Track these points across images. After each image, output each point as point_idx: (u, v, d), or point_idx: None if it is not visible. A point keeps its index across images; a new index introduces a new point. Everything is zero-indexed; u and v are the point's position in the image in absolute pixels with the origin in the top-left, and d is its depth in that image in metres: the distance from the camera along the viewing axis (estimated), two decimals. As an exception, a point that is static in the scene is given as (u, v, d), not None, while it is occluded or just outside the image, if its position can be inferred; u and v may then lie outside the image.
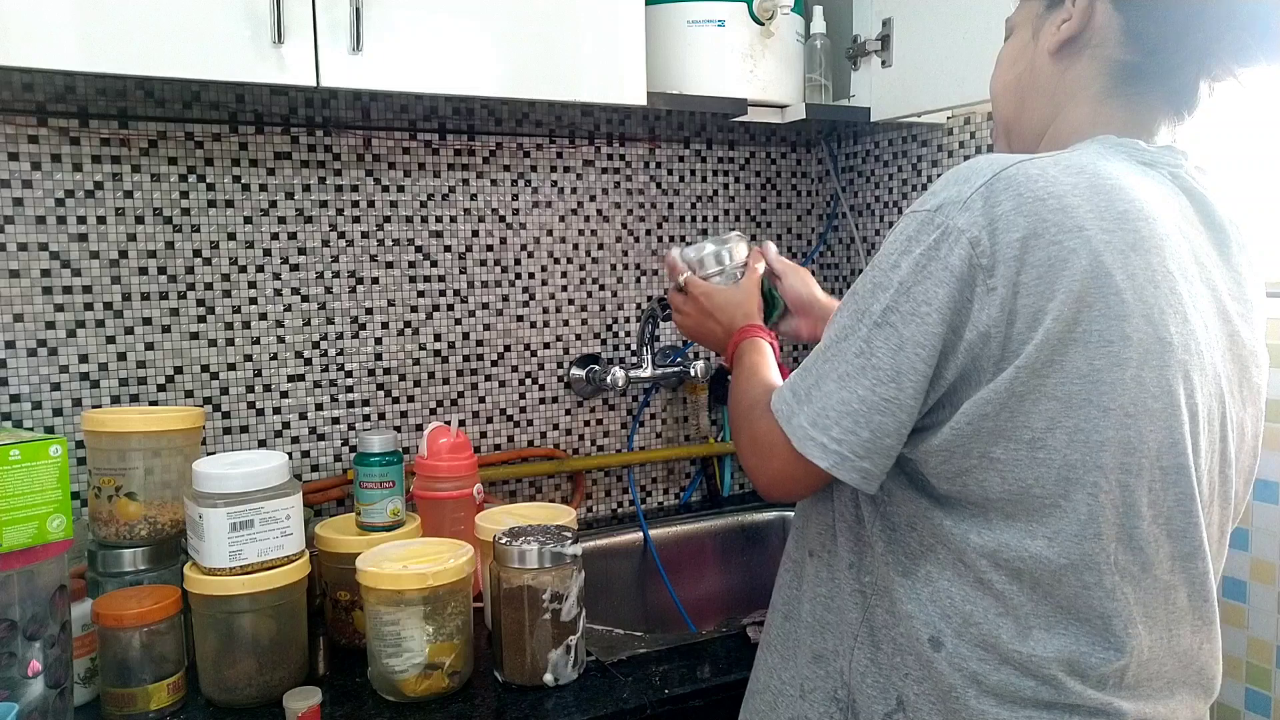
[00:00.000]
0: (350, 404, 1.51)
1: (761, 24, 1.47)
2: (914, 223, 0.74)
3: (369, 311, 1.51)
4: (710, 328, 1.10)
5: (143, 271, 1.36)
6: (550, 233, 1.64)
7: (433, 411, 1.57)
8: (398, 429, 1.54)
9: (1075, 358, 0.70)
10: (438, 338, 1.57)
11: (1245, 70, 0.78)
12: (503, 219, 1.60)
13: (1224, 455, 0.79)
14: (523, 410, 1.64)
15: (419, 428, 1.55)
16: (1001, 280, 0.70)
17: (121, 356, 1.35)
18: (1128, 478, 0.73)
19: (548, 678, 1.06)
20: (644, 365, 1.64)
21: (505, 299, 1.61)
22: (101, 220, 1.33)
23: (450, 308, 1.57)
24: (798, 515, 0.93)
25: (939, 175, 1.62)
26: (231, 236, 1.41)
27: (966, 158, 1.55)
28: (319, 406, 1.49)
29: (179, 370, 1.39)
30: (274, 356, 1.45)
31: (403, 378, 1.54)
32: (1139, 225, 0.72)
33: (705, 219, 1.78)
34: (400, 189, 1.52)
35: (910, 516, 0.79)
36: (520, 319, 1.63)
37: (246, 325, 1.43)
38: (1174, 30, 0.78)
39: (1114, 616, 0.75)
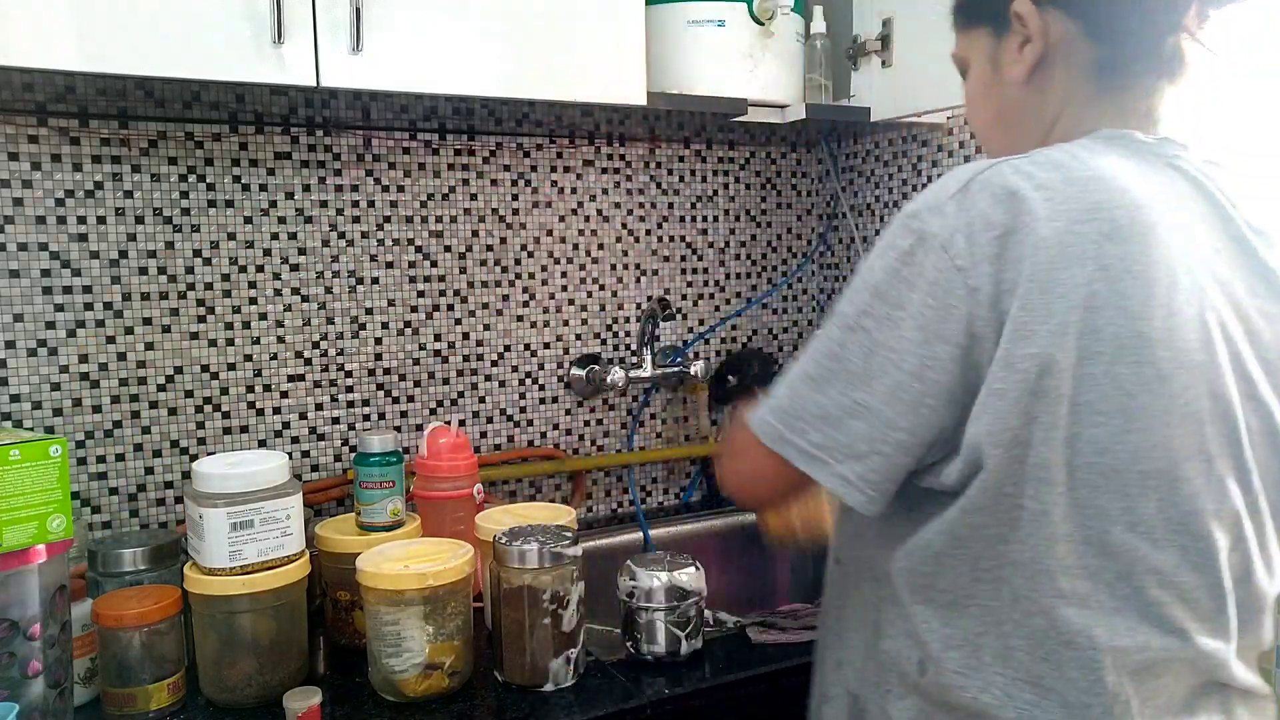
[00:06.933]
0: (350, 404, 1.51)
1: (761, 24, 1.47)
2: (893, 228, 0.73)
3: (369, 311, 1.51)
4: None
5: (143, 271, 1.36)
6: (550, 233, 1.64)
7: (433, 411, 1.56)
8: (398, 429, 1.54)
9: (1094, 366, 0.67)
10: (438, 338, 1.57)
11: (1217, 10, 0.76)
12: (503, 219, 1.60)
13: (1237, 461, 0.73)
14: (523, 410, 1.64)
15: (419, 428, 1.55)
16: (984, 279, 0.68)
17: (121, 356, 1.35)
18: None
19: (548, 687, 1.05)
20: (644, 365, 1.64)
21: (505, 299, 1.61)
22: (101, 220, 1.33)
23: (450, 308, 1.57)
24: (836, 525, 0.93)
25: (939, 175, 1.63)
26: (231, 236, 1.41)
27: (967, 158, 1.57)
28: (319, 406, 1.48)
29: (179, 370, 1.39)
30: (274, 356, 1.45)
31: (403, 378, 1.54)
32: (1116, 214, 0.69)
33: (705, 219, 1.78)
34: (400, 189, 1.52)
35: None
36: (520, 319, 1.63)
37: (246, 325, 1.43)
38: (1129, 9, 0.77)
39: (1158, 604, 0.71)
